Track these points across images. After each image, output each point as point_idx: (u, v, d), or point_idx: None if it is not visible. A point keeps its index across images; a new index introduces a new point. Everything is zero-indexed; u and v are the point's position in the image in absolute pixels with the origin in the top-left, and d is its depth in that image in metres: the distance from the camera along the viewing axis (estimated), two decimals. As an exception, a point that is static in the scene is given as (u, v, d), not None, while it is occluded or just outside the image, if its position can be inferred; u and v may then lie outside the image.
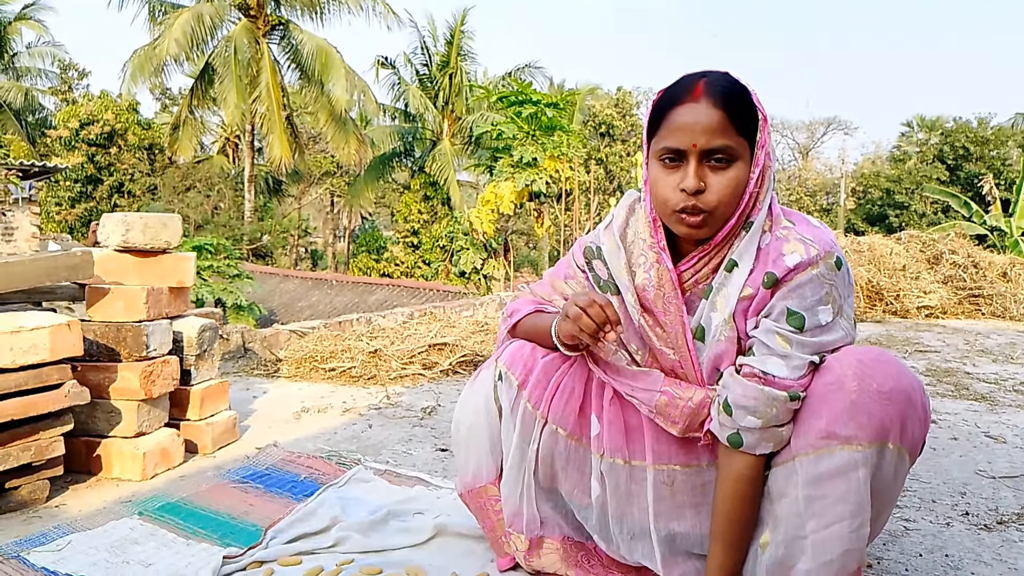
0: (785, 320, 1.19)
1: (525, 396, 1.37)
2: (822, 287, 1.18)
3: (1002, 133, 23.20)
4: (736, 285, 1.22)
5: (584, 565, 1.42)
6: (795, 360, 1.18)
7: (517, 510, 1.41)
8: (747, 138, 1.19)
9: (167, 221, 2.20)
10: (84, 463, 2.06)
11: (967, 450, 2.36)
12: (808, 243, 1.19)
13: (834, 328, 1.20)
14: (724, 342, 1.24)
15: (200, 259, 12.71)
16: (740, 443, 1.21)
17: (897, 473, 1.20)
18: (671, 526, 1.33)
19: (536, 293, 1.48)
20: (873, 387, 1.15)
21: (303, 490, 1.94)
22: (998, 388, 3.26)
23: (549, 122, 15.13)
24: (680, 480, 1.32)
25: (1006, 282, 6.27)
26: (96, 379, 2.03)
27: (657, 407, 1.28)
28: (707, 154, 1.18)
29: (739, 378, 1.21)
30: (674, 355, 1.29)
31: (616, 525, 1.36)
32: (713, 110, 1.16)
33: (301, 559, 1.54)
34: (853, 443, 1.15)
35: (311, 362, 3.48)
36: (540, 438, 1.37)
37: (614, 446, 1.33)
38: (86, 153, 21.69)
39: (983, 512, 1.85)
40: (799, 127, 35.53)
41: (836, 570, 1.17)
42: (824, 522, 1.17)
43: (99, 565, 1.52)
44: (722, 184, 1.18)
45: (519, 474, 1.39)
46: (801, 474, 1.18)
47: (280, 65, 20.83)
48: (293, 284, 18.43)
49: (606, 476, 1.34)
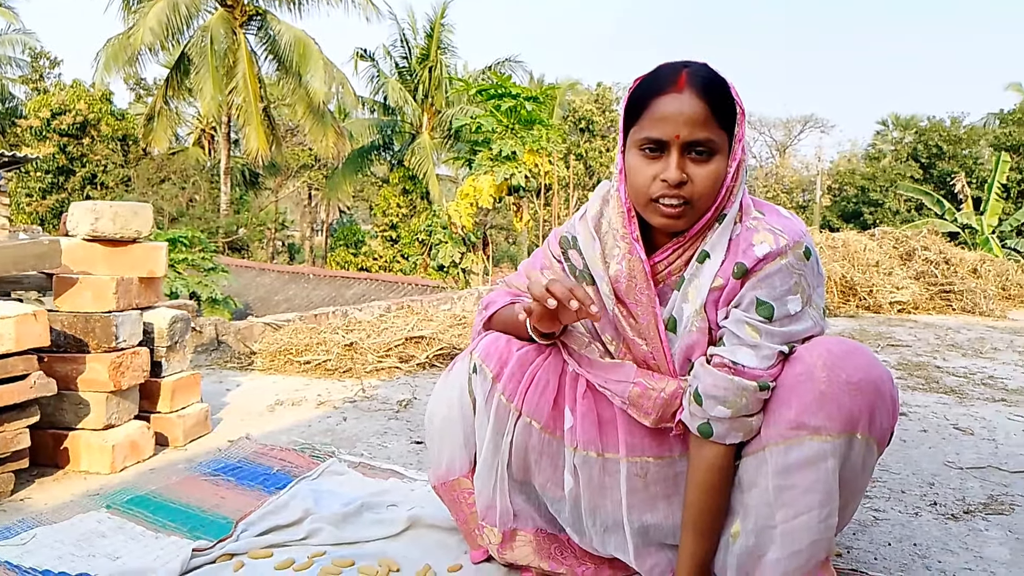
0: (755, 310, 1.19)
1: (499, 389, 1.36)
2: (791, 277, 1.19)
3: (974, 132, 23.57)
4: (707, 276, 1.23)
5: (557, 557, 1.42)
6: (765, 350, 1.19)
7: (490, 503, 1.41)
8: (726, 131, 1.20)
9: (138, 210, 2.16)
10: (51, 456, 2.02)
11: (936, 442, 2.39)
12: (777, 233, 1.20)
13: (803, 318, 1.21)
14: (695, 333, 1.24)
15: (175, 252, 12.54)
16: (710, 433, 1.22)
17: (865, 463, 1.21)
18: (644, 518, 1.33)
19: (512, 285, 1.47)
20: (843, 378, 1.16)
21: (276, 483, 1.92)
22: (967, 382, 3.31)
23: (528, 116, 15.12)
24: (653, 472, 1.32)
25: (976, 278, 6.38)
26: (63, 370, 1.99)
27: (630, 398, 1.28)
28: (689, 146, 1.18)
29: (709, 368, 1.21)
30: (646, 346, 1.29)
31: (589, 518, 1.36)
32: (697, 101, 1.16)
33: (272, 552, 1.52)
34: (822, 433, 1.16)
35: (286, 355, 3.45)
36: (514, 431, 1.36)
37: (587, 439, 1.33)
38: (58, 143, 21.29)
39: (951, 502, 1.88)
40: (776, 124, 35.85)
41: (805, 559, 1.18)
42: (793, 512, 1.17)
43: (65, 559, 1.49)
44: (703, 176, 1.19)
45: (492, 467, 1.39)
46: (771, 464, 1.19)
47: (257, 56, 20.61)
48: (270, 278, 18.27)
49: (579, 469, 1.34)
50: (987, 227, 17.69)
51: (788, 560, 1.18)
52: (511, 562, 1.43)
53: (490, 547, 1.44)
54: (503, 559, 1.43)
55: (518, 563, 1.42)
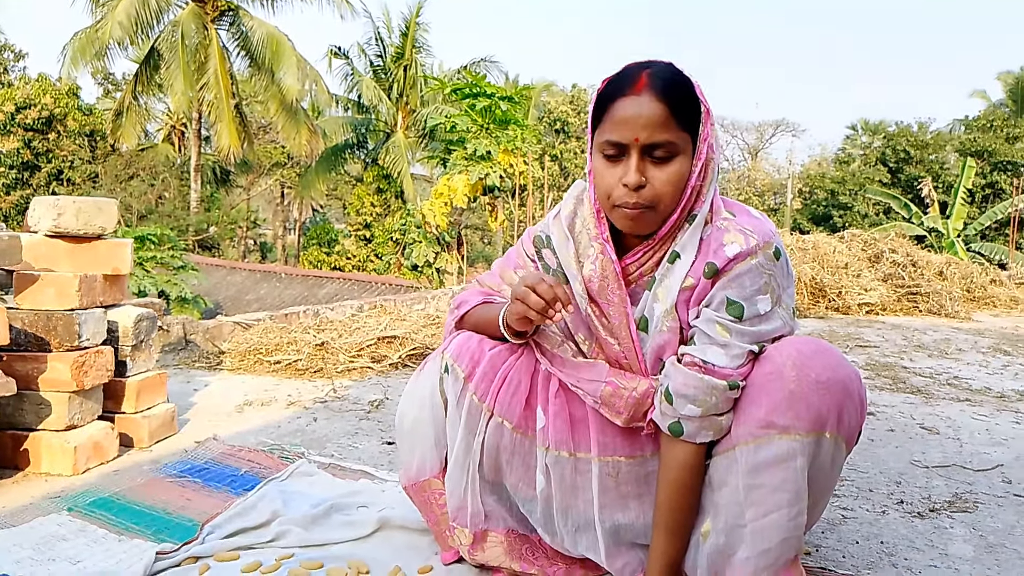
0: (725, 309, 1.20)
1: (471, 389, 1.35)
2: (761, 276, 1.20)
3: (940, 138, 24.02)
4: (678, 276, 1.23)
5: (528, 558, 1.42)
6: (735, 349, 1.19)
7: (461, 503, 1.40)
8: (690, 131, 1.19)
9: (102, 205, 2.11)
10: (10, 457, 1.97)
11: (903, 441, 2.43)
12: (748, 233, 1.20)
13: (773, 318, 1.22)
14: (667, 332, 1.25)
15: (143, 250, 12.33)
16: (681, 431, 1.22)
17: (834, 462, 1.22)
18: (615, 517, 1.33)
19: (485, 284, 1.47)
20: (811, 377, 1.17)
21: (243, 484, 1.89)
22: (933, 382, 3.37)
23: (503, 116, 15.13)
24: (625, 471, 1.32)
25: (942, 280, 6.50)
26: (24, 369, 1.94)
27: (602, 397, 1.28)
28: (649, 148, 1.18)
29: (680, 367, 1.22)
30: (618, 345, 1.29)
31: (561, 517, 1.35)
32: (655, 103, 1.15)
33: (239, 554, 1.49)
34: (791, 432, 1.16)
35: (255, 355, 3.40)
36: (486, 431, 1.35)
37: (559, 439, 1.33)
38: (22, 138, 20.80)
39: (917, 500, 1.90)
40: (748, 128, 36.24)
41: (774, 557, 1.19)
42: (763, 510, 1.18)
43: (23, 563, 1.45)
44: (663, 179, 1.18)
45: (464, 467, 1.38)
46: (741, 463, 1.20)
47: (229, 52, 20.34)
48: (241, 276, 18.04)
49: (551, 469, 1.33)
50: (953, 231, 18.04)
51: (758, 558, 1.19)
52: (482, 563, 1.42)
53: (461, 548, 1.42)
54: (474, 560, 1.42)
55: (489, 564, 1.41)
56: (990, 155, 20.93)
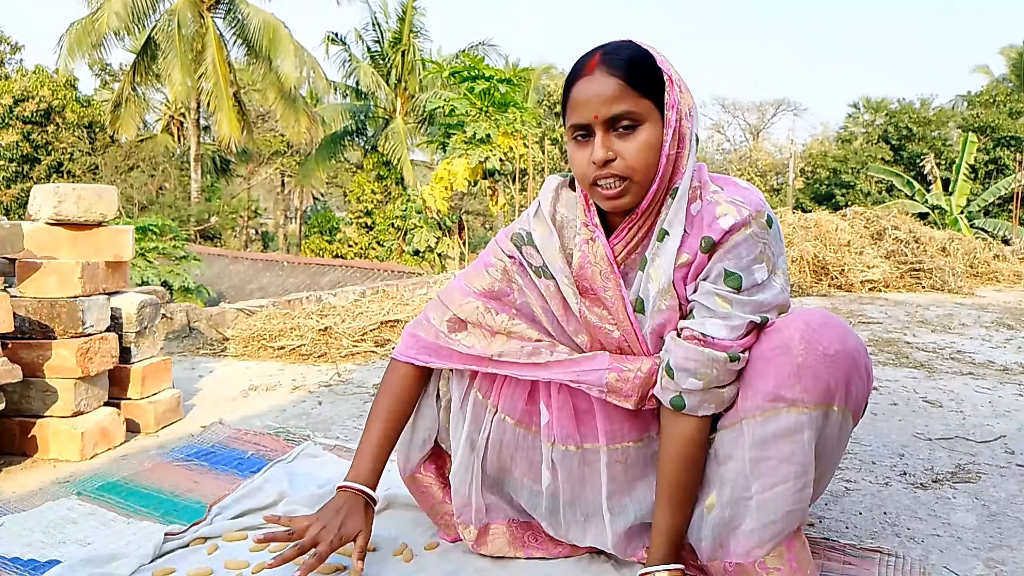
0: (723, 281, 1.20)
1: (476, 386, 1.38)
2: (756, 246, 1.20)
3: (943, 114, 23.88)
4: (669, 253, 1.22)
5: (532, 544, 1.43)
6: (735, 320, 1.19)
7: (467, 501, 1.40)
8: (653, 99, 1.18)
9: (102, 192, 2.11)
10: (18, 444, 1.98)
11: (906, 414, 2.43)
12: (739, 204, 1.20)
13: (770, 285, 1.21)
14: (666, 311, 1.24)
15: (145, 240, 12.33)
16: (683, 405, 1.22)
17: (841, 434, 1.23)
18: (623, 501, 1.34)
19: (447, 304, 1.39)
20: (819, 350, 1.17)
21: (250, 467, 1.90)
22: (936, 356, 3.37)
23: (502, 98, 15.06)
24: (633, 455, 1.33)
25: (945, 256, 6.50)
26: (29, 357, 1.95)
27: (608, 386, 1.27)
28: (611, 123, 1.18)
29: (680, 341, 1.21)
30: (617, 331, 1.28)
31: (568, 510, 1.36)
32: (608, 78, 1.16)
33: (247, 534, 1.50)
34: (799, 405, 1.16)
35: (259, 340, 3.42)
36: (491, 427, 1.36)
37: (565, 433, 1.32)
38: (21, 131, 20.77)
39: (919, 472, 1.91)
40: (750, 108, 36.05)
41: (779, 529, 1.20)
42: (769, 483, 1.19)
43: (34, 546, 1.47)
44: (632, 149, 1.18)
45: (469, 465, 1.39)
46: (748, 436, 1.20)
47: (226, 40, 20.25)
48: (243, 266, 18.06)
49: (558, 464, 1.33)
50: (956, 207, 17.99)
51: (763, 530, 1.20)
52: (487, 555, 1.43)
53: (466, 542, 1.44)
54: (480, 552, 1.43)
55: (494, 554, 1.42)
56: (993, 131, 20.81)
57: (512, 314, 1.34)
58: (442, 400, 1.45)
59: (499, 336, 1.33)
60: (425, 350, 1.40)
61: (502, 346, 1.32)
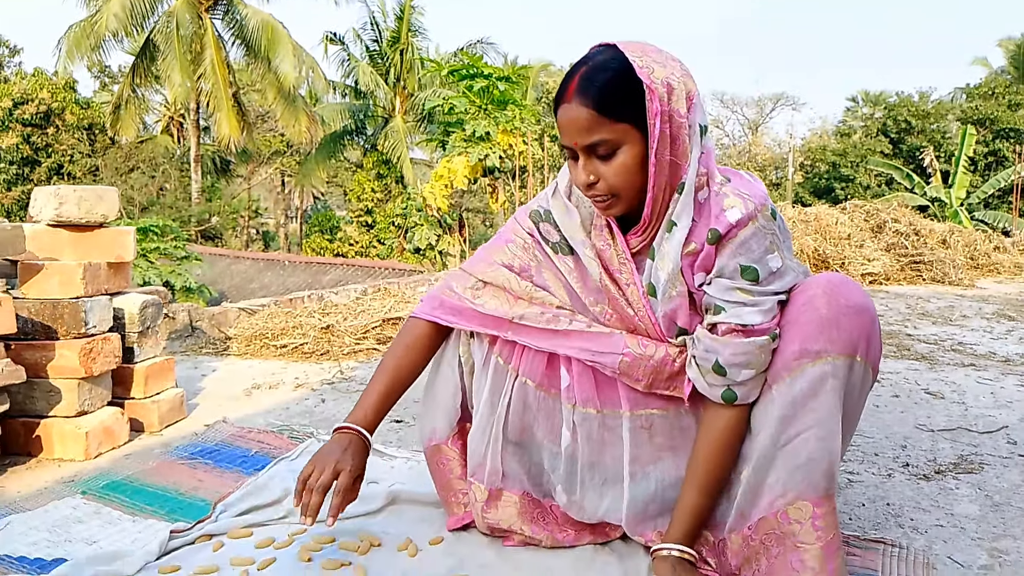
0: (740, 276, 1.22)
1: (496, 351, 1.39)
2: (765, 238, 1.22)
3: (942, 107, 23.86)
4: (675, 243, 1.24)
5: (539, 522, 1.44)
6: (766, 304, 1.22)
7: (481, 461, 1.42)
8: (632, 118, 1.18)
9: (103, 194, 2.12)
10: (23, 445, 1.99)
11: (908, 406, 2.44)
12: (746, 198, 1.22)
13: (786, 271, 1.24)
14: (676, 297, 1.27)
15: (146, 241, 12.34)
16: (734, 397, 1.24)
17: (863, 388, 1.26)
18: (647, 469, 1.35)
19: (470, 272, 1.44)
20: (842, 302, 1.21)
21: (254, 464, 1.91)
22: (937, 348, 3.38)
23: (501, 96, 15.05)
24: (659, 423, 1.34)
25: (945, 249, 6.49)
26: (32, 358, 1.96)
27: (620, 368, 1.30)
28: (589, 149, 1.21)
29: (723, 339, 1.22)
30: (631, 310, 1.31)
31: (587, 472, 1.37)
32: (581, 109, 1.18)
33: (252, 531, 1.51)
34: (823, 356, 1.19)
35: (262, 339, 3.42)
36: (511, 391, 1.38)
37: (585, 396, 1.35)
38: (21, 134, 20.78)
39: (922, 463, 1.92)
40: (748, 103, 36.00)
41: (801, 478, 1.19)
42: (794, 432, 1.20)
43: (40, 545, 1.47)
44: (611, 172, 1.21)
45: (487, 426, 1.41)
46: (777, 401, 1.22)
47: (224, 41, 20.25)
48: (244, 265, 18.06)
49: (578, 426, 1.36)
50: (955, 200, 17.97)
51: (786, 478, 1.20)
52: (493, 524, 1.43)
53: (474, 505, 1.44)
54: (485, 520, 1.43)
55: (499, 525, 1.43)
56: (992, 123, 20.79)
57: (534, 284, 1.38)
58: (464, 366, 1.46)
59: (521, 301, 1.37)
60: (448, 309, 1.43)
61: (524, 309, 1.36)
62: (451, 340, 1.46)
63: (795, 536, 1.20)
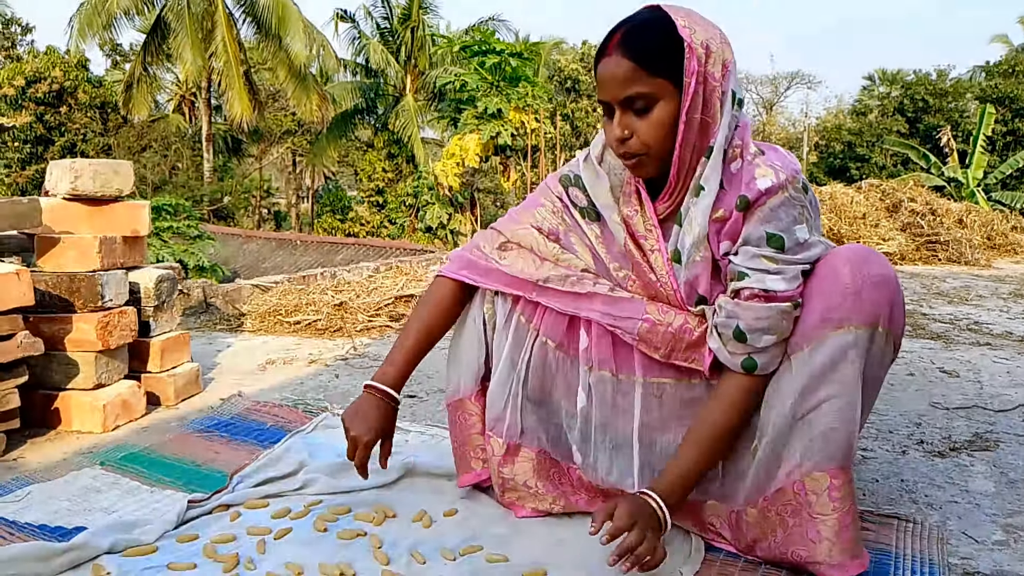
0: (766, 244, 1.22)
1: (519, 310, 1.42)
2: (795, 208, 1.22)
3: (960, 85, 23.49)
4: (703, 208, 1.24)
5: (554, 480, 1.45)
6: (790, 271, 1.22)
7: (500, 415, 1.43)
8: (671, 74, 1.20)
9: (118, 168, 2.12)
10: (42, 417, 2.01)
11: (923, 384, 2.42)
12: (777, 168, 1.23)
13: (813, 244, 1.24)
14: (700, 263, 1.27)
15: (159, 220, 12.41)
16: (755, 366, 1.23)
17: (883, 359, 1.25)
18: (654, 436, 1.36)
19: (501, 231, 1.46)
20: (865, 272, 1.20)
21: (269, 438, 1.92)
22: (953, 327, 3.35)
23: (513, 72, 14.95)
24: (669, 392, 1.35)
25: (962, 228, 6.42)
26: (50, 330, 1.98)
27: (639, 334, 1.31)
28: (626, 103, 1.22)
29: (745, 304, 1.22)
30: (654, 276, 1.32)
31: (599, 434, 1.39)
32: (622, 61, 1.21)
33: (268, 502, 1.53)
34: (845, 325, 1.19)
35: (275, 316, 3.44)
36: (532, 349, 1.41)
37: (602, 359, 1.37)
38: (34, 112, 20.83)
39: (937, 440, 1.91)
40: (763, 81, 35.59)
41: (819, 447, 1.19)
42: (814, 401, 1.20)
43: (60, 513, 1.50)
44: (645, 128, 1.23)
45: (507, 382, 1.42)
46: (797, 371, 1.22)
47: (235, 19, 20.19)
48: (256, 245, 18.12)
49: (593, 388, 1.38)
50: (972, 180, 17.74)
51: (804, 449, 1.20)
52: (507, 478, 1.44)
53: (491, 460, 1.45)
54: (500, 474, 1.44)
55: (515, 479, 1.43)
56: (1012, 102, 20.46)
57: (561, 246, 1.41)
58: (488, 324, 1.47)
59: (547, 263, 1.39)
60: (475, 270, 1.45)
61: (549, 271, 1.38)
62: (476, 298, 1.48)
63: (811, 507, 1.20)
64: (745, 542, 1.29)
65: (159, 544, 1.35)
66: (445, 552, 1.32)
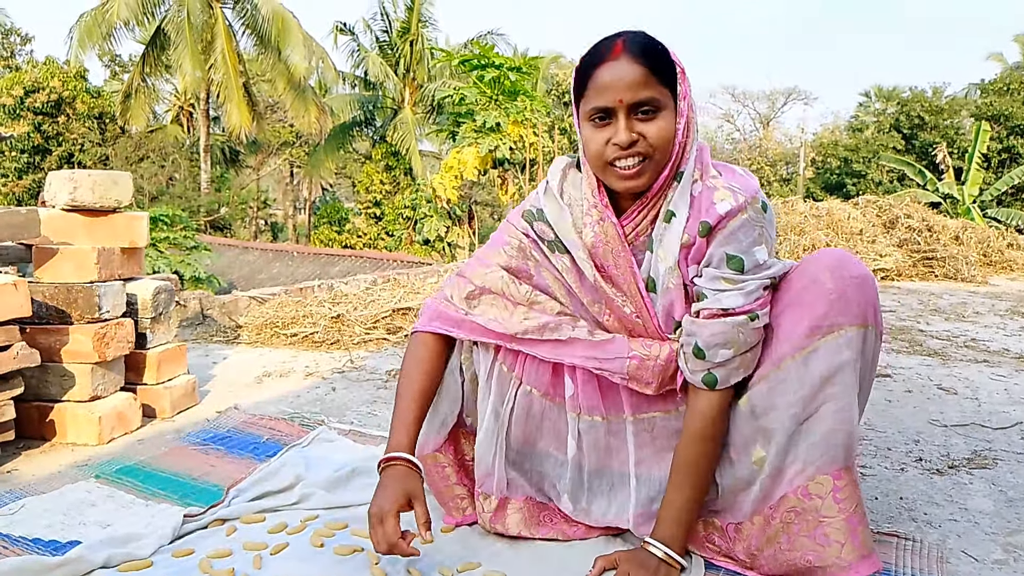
0: (726, 265, 1.24)
1: (500, 359, 1.39)
2: (753, 230, 1.24)
3: (955, 103, 23.62)
4: (675, 233, 1.26)
5: (547, 523, 1.44)
6: (749, 286, 1.23)
7: (489, 471, 1.41)
8: (671, 89, 1.24)
9: (117, 179, 2.12)
10: (37, 428, 2.00)
11: (920, 401, 2.42)
12: (736, 191, 1.24)
13: (771, 264, 1.26)
14: (673, 289, 1.28)
15: (156, 231, 12.38)
16: (715, 381, 1.24)
17: (874, 356, 1.27)
18: (651, 471, 1.36)
19: (467, 278, 1.41)
20: (847, 275, 1.22)
21: (265, 451, 1.91)
22: (950, 344, 3.35)
23: (512, 86, 14.98)
24: (660, 426, 1.35)
25: (958, 245, 6.44)
26: (47, 342, 1.97)
27: (629, 373, 1.30)
28: (634, 107, 1.22)
29: (702, 321, 1.24)
30: (629, 307, 1.31)
31: (595, 479, 1.38)
32: (634, 65, 1.20)
33: (265, 516, 1.52)
34: (835, 329, 1.21)
35: (272, 328, 3.43)
36: (515, 399, 1.38)
37: (590, 405, 1.35)
38: (32, 122, 20.83)
39: (935, 458, 1.91)
40: (760, 97, 35.78)
41: (820, 452, 1.20)
42: (813, 408, 1.21)
43: (54, 527, 1.48)
44: (654, 132, 1.23)
45: (493, 436, 1.40)
46: (793, 381, 1.22)
47: (235, 31, 20.25)
48: (253, 256, 18.11)
49: (583, 435, 1.36)
50: (968, 197, 17.82)
51: (806, 454, 1.21)
52: (501, 532, 1.43)
53: (482, 516, 1.44)
54: (493, 529, 1.43)
55: (508, 532, 1.42)
56: (1007, 119, 20.59)
57: (533, 287, 1.37)
58: (465, 374, 1.45)
59: (520, 307, 1.35)
60: (447, 320, 1.41)
61: (523, 318, 1.34)
62: (454, 348, 1.45)
63: (817, 511, 1.20)
64: (748, 553, 1.28)
65: (154, 559, 1.34)
66: (443, 569, 1.31)
